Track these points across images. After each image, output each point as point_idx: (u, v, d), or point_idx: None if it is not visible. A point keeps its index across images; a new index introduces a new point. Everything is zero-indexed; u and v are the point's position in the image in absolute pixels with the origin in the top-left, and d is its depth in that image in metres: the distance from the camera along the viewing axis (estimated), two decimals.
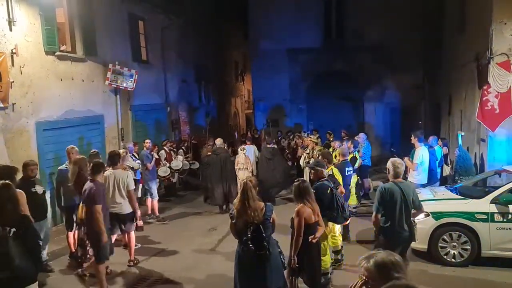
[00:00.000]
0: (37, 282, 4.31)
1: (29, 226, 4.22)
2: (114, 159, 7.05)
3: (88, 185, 5.87)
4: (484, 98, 9.64)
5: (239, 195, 4.78)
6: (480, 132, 10.43)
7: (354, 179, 8.88)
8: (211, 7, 19.41)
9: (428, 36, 16.55)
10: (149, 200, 9.98)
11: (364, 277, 2.33)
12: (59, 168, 7.46)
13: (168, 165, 11.58)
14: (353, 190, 8.82)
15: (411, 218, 5.39)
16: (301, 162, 10.94)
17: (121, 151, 8.68)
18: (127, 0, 12.16)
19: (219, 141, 11.00)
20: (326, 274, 5.86)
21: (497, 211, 6.54)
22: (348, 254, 6.86)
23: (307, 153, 10.65)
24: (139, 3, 12.83)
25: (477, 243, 6.64)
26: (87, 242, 6.22)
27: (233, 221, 4.71)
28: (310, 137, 11.79)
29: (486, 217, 6.57)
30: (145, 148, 10.23)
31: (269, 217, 4.66)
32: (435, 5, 15.41)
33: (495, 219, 6.54)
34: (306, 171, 9.74)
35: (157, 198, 10.12)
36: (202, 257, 7.57)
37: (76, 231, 6.98)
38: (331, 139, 12.56)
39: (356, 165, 10.02)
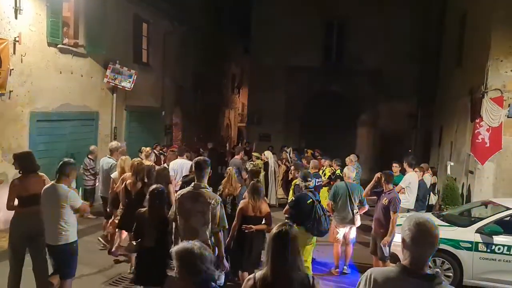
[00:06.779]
0: None
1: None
2: (182, 151, 9.34)
3: None
4: (475, 131, 9.82)
5: (226, 177, 6.58)
6: (469, 164, 10.59)
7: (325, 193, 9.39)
8: (214, 18, 19.60)
9: (425, 66, 16.87)
10: None
11: None
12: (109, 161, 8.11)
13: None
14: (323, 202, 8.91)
15: (354, 210, 7.17)
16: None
17: (147, 148, 9.02)
18: (134, 1, 12.25)
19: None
20: None
21: (481, 241, 6.63)
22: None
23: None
24: (145, 6, 12.94)
25: (460, 271, 6.70)
26: None
27: (219, 193, 6.16)
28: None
29: (470, 245, 6.65)
30: (238, 157, 10.55)
31: (242, 194, 6.26)
32: (435, 37, 15.76)
33: (479, 249, 6.62)
34: None
35: None
36: None
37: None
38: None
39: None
